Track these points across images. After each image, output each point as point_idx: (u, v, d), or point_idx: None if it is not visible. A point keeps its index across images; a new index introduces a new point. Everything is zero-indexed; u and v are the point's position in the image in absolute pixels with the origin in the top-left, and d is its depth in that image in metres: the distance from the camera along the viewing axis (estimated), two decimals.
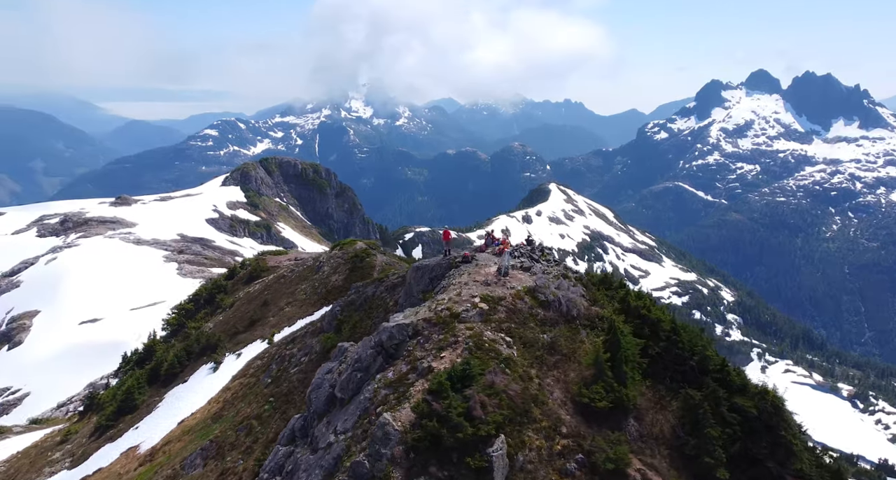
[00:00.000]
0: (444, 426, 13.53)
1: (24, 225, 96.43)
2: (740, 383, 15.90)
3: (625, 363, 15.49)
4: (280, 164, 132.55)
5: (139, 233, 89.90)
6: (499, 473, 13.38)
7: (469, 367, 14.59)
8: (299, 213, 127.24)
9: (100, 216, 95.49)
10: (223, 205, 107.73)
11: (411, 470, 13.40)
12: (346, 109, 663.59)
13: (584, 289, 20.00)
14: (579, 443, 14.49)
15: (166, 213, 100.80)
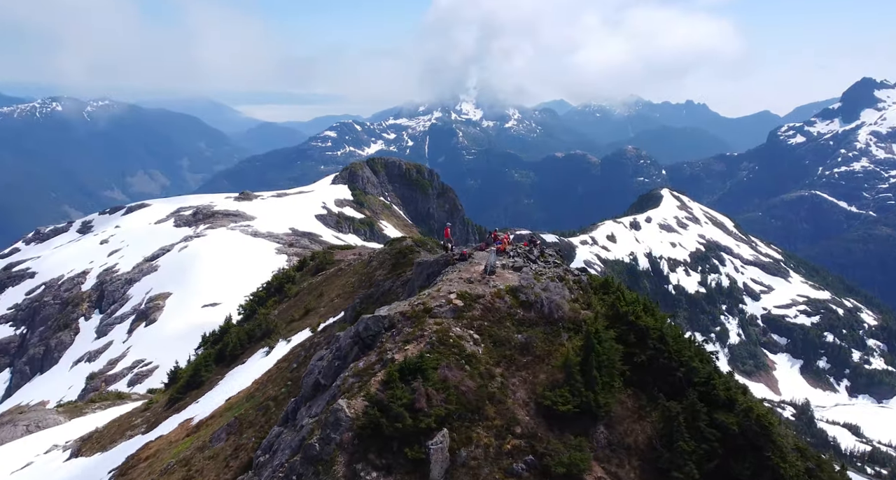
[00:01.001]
0: (385, 415, 13.80)
1: (165, 215, 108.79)
2: (726, 398, 14.84)
3: (598, 368, 15.00)
4: (385, 164, 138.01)
5: (256, 226, 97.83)
6: (436, 466, 13.50)
7: (422, 361, 14.75)
8: (401, 212, 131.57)
9: (225, 209, 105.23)
10: (331, 203, 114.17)
11: (354, 456, 13.78)
12: (457, 112, 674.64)
13: (582, 293, 19.48)
14: (533, 445, 14.27)
15: (281, 209, 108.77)
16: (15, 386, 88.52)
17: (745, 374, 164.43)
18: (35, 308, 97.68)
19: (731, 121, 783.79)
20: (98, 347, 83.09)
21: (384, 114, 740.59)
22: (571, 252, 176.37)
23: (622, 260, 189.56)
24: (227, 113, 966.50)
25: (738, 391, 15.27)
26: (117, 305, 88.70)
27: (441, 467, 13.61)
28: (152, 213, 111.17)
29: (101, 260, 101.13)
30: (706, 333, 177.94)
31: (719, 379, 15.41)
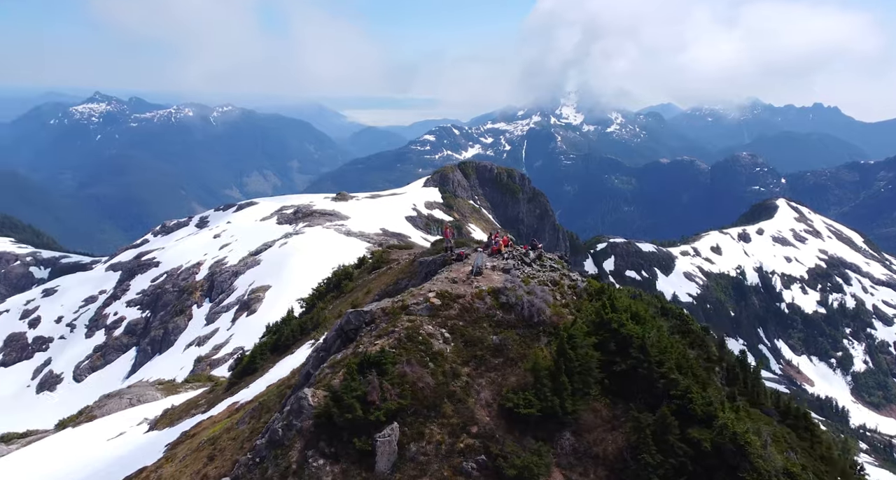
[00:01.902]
0: (338, 405, 14.11)
1: (269, 213, 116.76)
2: (703, 413, 13.97)
3: (570, 374, 14.52)
4: (477, 168, 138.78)
5: (350, 226, 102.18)
6: (383, 458, 13.62)
7: (382, 355, 14.79)
8: (490, 216, 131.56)
9: (322, 209, 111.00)
10: (422, 205, 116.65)
11: (308, 443, 14.21)
12: (556, 116, 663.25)
13: (575, 298, 18.89)
14: (487, 446, 14.20)
15: (373, 210, 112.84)
16: (139, 363, 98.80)
17: (872, 406, 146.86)
18: (157, 294, 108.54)
19: (867, 126, 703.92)
20: (206, 333, 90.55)
21: (482, 119, 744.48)
22: (670, 263, 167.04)
23: (727, 274, 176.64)
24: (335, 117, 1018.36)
25: (720, 407, 14.30)
26: (224, 295, 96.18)
27: (388, 460, 13.79)
28: (259, 211, 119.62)
29: (213, 252, 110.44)
30: (824, 358, 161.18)
31: (698, 394, 14.51)
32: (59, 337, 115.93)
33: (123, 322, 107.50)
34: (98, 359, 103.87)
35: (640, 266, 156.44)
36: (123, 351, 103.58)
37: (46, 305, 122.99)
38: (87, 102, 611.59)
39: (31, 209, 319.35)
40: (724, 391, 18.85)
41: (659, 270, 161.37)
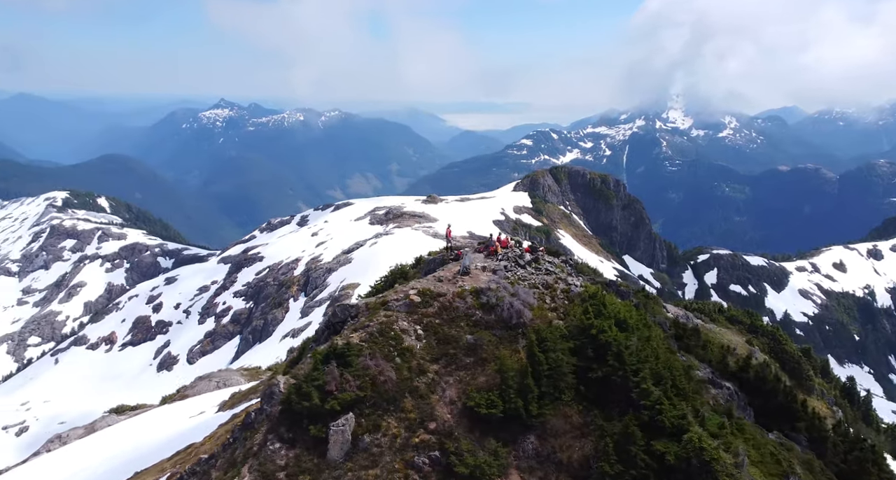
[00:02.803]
0: (297, 393, 14.53)
1: (363, 213, 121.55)
2: (672, 426, 13.35)
3: (538, 378, 14.23)
4: (569, 173, 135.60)
5: (437, 228, 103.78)
6: (335, 447, 13.92)
7: (348, 348, 15.03)
8: (581, 222, 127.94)
9: (412, 211, 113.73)
10: (510, 209, 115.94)
11: (272, 427, 14.76)
12: (662, 120, 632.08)
13: (568, 303, 18.28)
14: (443, 442, 14.20)
15: (462, 213, 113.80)
16: (241, 350, 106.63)
17: None
18: (260, 287, 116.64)
19: None
20: (300, 326, 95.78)
21: (582, 123, 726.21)
22: (783, 279, 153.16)
23: (852, 294, 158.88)
24: (434, 121, 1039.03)
25: (691, 422, 13.52)
26: (318, 290, 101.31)
27: (340, 448, 14.05)
28: (354, 211, 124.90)
29: (310, 249, 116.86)
30: None
31: (669, 406, 13.77)
32: (177, 322, 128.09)
33: (230, 311, 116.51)
34: (207, 345, 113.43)
35: (746, 280, 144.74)
36: (229, 339, 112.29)
37: (168, 292, 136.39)
38: (213, 108, 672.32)
39: (163, 205, 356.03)
40: (723, 408, 17.65)
41: (769, 286, 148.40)
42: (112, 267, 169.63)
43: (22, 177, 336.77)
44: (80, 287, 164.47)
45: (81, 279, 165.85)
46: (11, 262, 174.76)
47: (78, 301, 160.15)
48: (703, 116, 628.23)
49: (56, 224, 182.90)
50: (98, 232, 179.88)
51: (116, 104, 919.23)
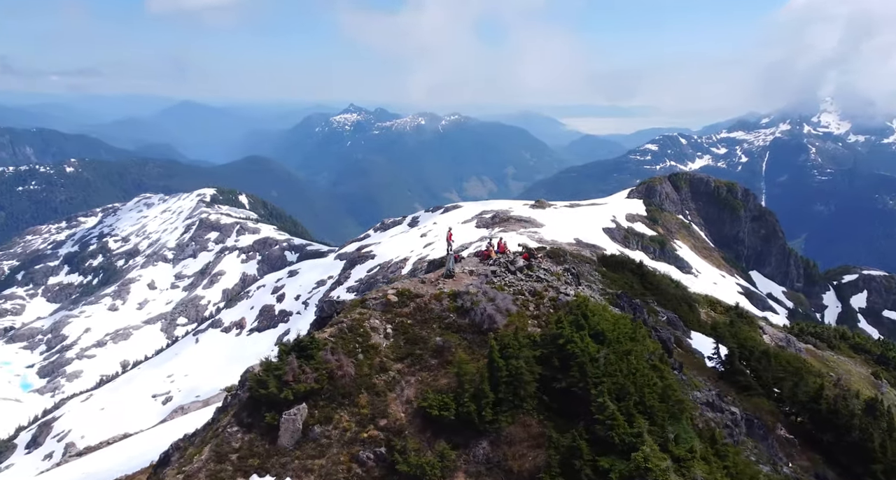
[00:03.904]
0: (258, 381, 15.52)
1: (470, 216, 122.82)
2: (623, 443, 12.78)
3: (496, 384, 14.36)
4: (690, 180, 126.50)
5: (542, 233, 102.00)
6: (286, 435, 14.68)
7: (313, 341, 15.93)
8: (702, 234, 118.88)
9: (518, 215, 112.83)
10: (622, 217, 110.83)
11: (238, 412, 15.72)
12: (812, 124, 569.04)
13: (553, 311, 18.05)
14: (391, 440, 14.42)
15: (570, 219, 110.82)
16: None
17: None
18: (371, 283, 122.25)
19: None
20: None
21: (716, 127, 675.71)
22: None
23: None
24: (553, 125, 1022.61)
25: (646, 441, 12.89)
26: None
27: (290, 437, 14.70)
28: (462, 214, 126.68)
29: (418, 250, 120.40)
30: None
31: (623, 422, 13.24)
32: (297, 312, 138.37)
33: None
34: None
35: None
36: None
37: (290, 284, 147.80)
38: (342, 113, 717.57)
39: (295, 202, 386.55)
40: (707, 432, 16.58)
41: None
42: (247, 259, 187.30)
43: (182, 176, 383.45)
44: (220, 275, 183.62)
45: (221, 268, 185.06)
46: (168, 250, 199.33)
47: (218, 288, 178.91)
48: (863, 120, 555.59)
49: (204, 218, 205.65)
50: (237, 226, 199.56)
51: (261, 110, 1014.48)
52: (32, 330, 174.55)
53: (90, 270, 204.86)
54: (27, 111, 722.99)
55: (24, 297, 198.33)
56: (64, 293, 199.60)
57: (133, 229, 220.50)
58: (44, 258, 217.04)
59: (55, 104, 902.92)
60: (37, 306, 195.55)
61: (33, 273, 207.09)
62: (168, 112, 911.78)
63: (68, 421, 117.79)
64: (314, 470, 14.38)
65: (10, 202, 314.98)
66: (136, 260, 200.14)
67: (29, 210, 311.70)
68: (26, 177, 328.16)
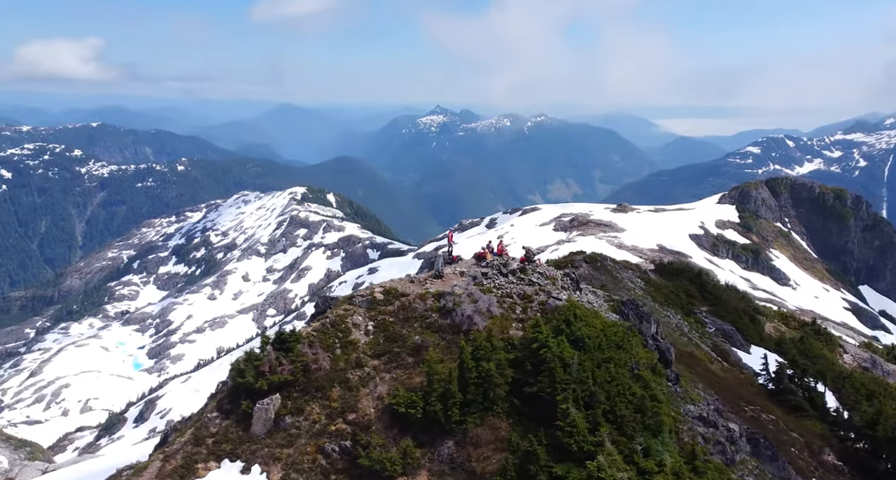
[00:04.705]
0: (237, 370, 16.14)
1: (548, 219, 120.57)
2: (582, 450, 12.70)
3: (464, 385, 14.46)
4: (791, 186, 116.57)
5: (623, 239, 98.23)
6: (258, 423, 15.42)
7: (293, 335, 16.57)
8: (803, 243, 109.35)
9: (599, 219, 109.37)
10: (711, 223, 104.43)
11: (222, 399, 16.59)
12: None
13: (541, 314, 17.80)
14: (356, 434, 14.79)
15: (654, 224, 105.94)
16: None
17: None
18: None
19: None
20: None
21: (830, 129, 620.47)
22: None
23: None
24: (645, 127, 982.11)
25: (608, 450, 12.74)
26: None
27: (263, 425, 15.37)
28: (540, 217, 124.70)
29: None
30: None
31: (584, 429, 13.11)
32: None
33: None
34: None
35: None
36: None
37: (369, 281, 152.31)
38: (429, 115, 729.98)
39: (380, 202, 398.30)
40: (689, 445, 15.72)
41: None
42: (332, 255, 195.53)
43: (277, 175, 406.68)
44: (306, 270, 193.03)
45: (308, 263, 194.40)
46: (261, 245, 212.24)
47: (304, 282, 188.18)
48: None
49: (294, 215, 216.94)
50: (324, 223, 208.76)
51: (351, 112, 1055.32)
52: (144, 314, 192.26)
53: (194, 261, 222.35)
54: (148, 114, 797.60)
55: (138, 284, 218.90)
56: (171, 281, 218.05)
57: (231, 224, 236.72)
58: (155, 249, 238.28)
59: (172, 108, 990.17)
60: (149, 293, 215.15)
61: (146, 262, 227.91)
62: (268, 114, 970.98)
63: (169, 400, 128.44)
64: (281, 459, 14.87)
65: (130, 197, 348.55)
66: (233, 253, 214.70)
67: (145, 204, 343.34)
68: (144, 174, 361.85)
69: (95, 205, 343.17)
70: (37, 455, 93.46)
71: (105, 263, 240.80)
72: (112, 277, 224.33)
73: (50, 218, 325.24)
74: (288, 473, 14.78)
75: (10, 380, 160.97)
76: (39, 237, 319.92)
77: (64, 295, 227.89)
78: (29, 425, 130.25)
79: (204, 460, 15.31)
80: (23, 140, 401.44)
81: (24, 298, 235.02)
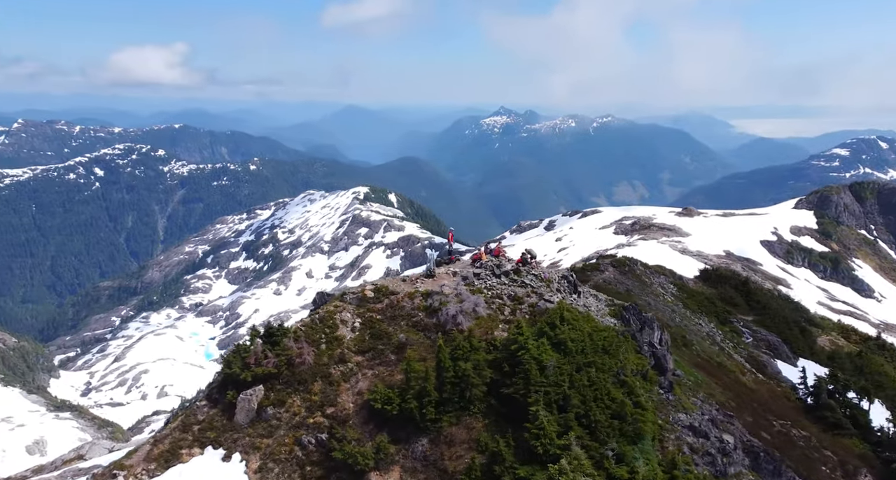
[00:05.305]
0: (225, 362, 16.86)
1: (609, 222, 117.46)
2: (547, 453, 12.60)
3: (439, 383, 14.64)
4: (878, 191, 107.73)
5: (687, 243, 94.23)
6: (241, 413, 16.05)
7: (281, 329, 17.18)
8: (892, 253, 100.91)
9: (662, 223, 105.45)
10: (785, 229, 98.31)
11: (213, 387, 17.24)
12: None
13: (529, 316, 17.84)
14: (333, 427, 15.21)
15: (721, 229, 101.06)
16: None
17: None
18: None
19: None
20: None
21: None
22: None
23: None
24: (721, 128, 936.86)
25: (576, 454, 12.75)
26: None
27: (246, 415, 15.98)
28: (600, 219, 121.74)
29: (552, 254, 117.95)
30: None
31: (552, 432, 13.07)
32: None
33: None
34: None
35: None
36: None
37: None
38: (493, 116, 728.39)
39: (441, 202, 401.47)
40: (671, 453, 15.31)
41: None
42: (391, 254, 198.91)
43: (342, 175, 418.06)
44: (367, 268, 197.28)
45: (369, 262, 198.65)
46: (324, 243, 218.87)
47: (364, 280, 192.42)
48: None
49: (356, 214, 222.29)
50: (384, 223, 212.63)
51: (415, 113, 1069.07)
52: (215, 306, 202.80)
53: (262, 257, 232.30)
54: (225, 116, 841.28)
55: (211, 278, 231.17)
56: (241, 276, 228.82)
57: (297, 222, 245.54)
58: (228, 244, 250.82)
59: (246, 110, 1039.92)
60: (220, 286, 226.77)
61: (219, 257, 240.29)
62: (334, 116, 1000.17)
63: None
64: (261, 449, 15.35)
65: (207, 195, 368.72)
66: (298, 250, 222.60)
67: (220, 202, 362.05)
68: (220, 173, 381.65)
69: (175, 202, 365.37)
70: (117, 435, 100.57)
71: (182, 257, 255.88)
72: (188, 271, 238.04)
73: (136, 213, 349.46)
74: (266, 462, 15.23)
75: (97, 364, 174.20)
76: (126, 231, 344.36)
77: (146, 286, 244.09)
78: (112, 406, 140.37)
79: (189, 446, 16.07)
80: (114, 140, 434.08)
81: (112, 288, 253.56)
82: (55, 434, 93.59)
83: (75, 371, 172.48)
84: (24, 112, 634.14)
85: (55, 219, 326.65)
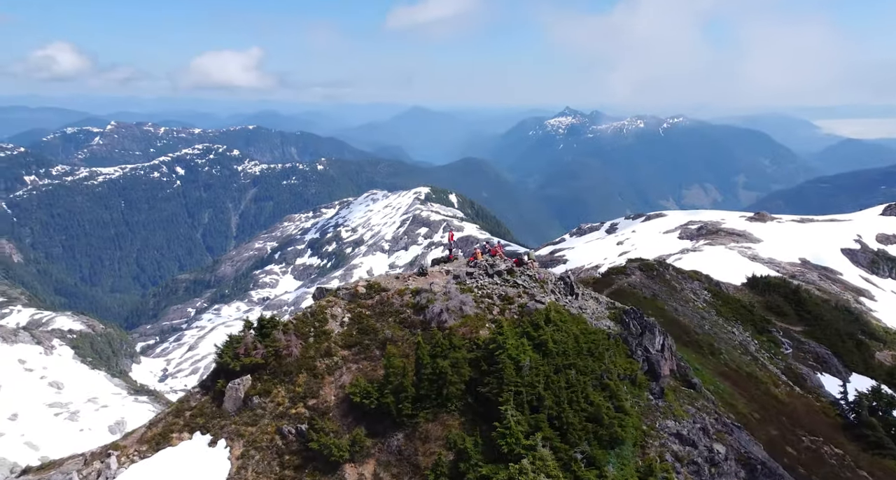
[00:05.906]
0: (218, 352, 17.62)
1: (674, 226, 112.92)
2: (512, 452, 12.64)
3: (417, 379, 15.06)
4: None
5: (758, 250, 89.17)
6: (229, 401, 16.66)
7: (272, 321, 17.74)
8: None
9: (731, 228, 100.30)
10: (870, 237, 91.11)
11: (208, 377, 17.99)
12: None
13: (518, 317, 18.11)
14: (313, 419, 15.59)
15: (797, 235, 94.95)
16: None
17: None
18: None
19: None
20: None
21: None
22: None
23: None
24: (805, 129, 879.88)
25: (542, 455, 13.14)
26: None
27: (233, 404, 16.61)
28: (665, 223, 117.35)
29: (612, 257, 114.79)
30: None
31: (516, 431, 13.30)
32: None
33: None
34: None
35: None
36: None
37: None
38: (557, 116, 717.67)
39: (503, 203, 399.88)
40: (649, 459, 15.41)
41: None
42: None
43: (406, 175, 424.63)
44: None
45: (427, 262, 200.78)
46: (385, 242, 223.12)
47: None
48: None
49: (416, 214, 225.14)
50: (444, 223, 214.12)
51: (479, 113, 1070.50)
52: (281, 301, 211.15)
53: (326, 255, 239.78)
54: (296, 118, 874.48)
55: (278, 273, 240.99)
56: (306, 272, 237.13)
57: (360, 221, 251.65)
58: (294, 241, 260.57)
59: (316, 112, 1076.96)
60: (286, 281, 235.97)
61: (286, 253, 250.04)
62: (400, 117, 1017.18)
63: None
64: (244, 436, 16.00)
65: (277, 193, 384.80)
66: (360, 248, 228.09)
67: (289, 200, 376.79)
68: (289, 172, 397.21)
69: (248, 200, 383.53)
70: None
71: (252, 253, 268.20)
72: (257, 266, 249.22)
73: (212, 210, 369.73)
74: (248, 449, 15.88)
75: (173, 352, 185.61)
76: (203, 227, 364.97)
77: (218, 279, 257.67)
78: None
79: (179, 430, 16.85)
80: (194, 141, 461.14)
81: (188, 281, 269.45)
82: (134, 416, 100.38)
83: (154, 358, 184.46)
84: (117, 114, 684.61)
85: (141, 214, 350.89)
